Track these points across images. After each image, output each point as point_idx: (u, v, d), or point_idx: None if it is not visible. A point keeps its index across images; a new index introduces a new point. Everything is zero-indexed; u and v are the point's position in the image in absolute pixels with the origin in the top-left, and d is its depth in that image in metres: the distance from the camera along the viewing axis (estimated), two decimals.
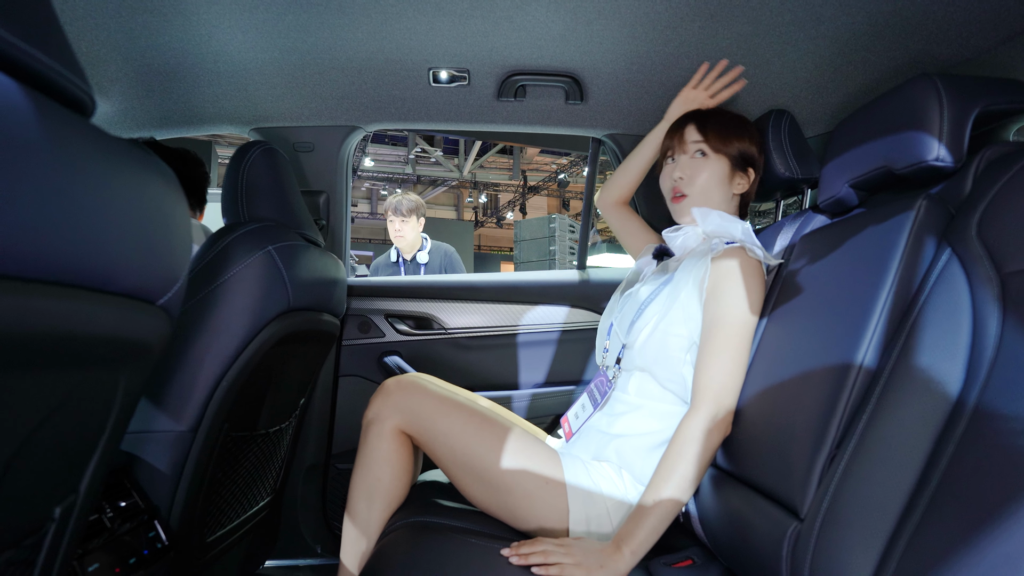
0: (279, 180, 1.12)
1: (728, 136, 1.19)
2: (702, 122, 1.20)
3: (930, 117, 0.81)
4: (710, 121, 1.20)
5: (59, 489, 0.55)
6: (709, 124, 1.20)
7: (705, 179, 1.18)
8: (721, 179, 1.19)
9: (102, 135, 0.47)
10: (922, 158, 0.81)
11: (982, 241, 0.67)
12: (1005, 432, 0.55)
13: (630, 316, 1.15)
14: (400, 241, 2.97)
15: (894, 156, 0.86)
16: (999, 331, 0.61)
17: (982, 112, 0.81)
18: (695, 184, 1.18)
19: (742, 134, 1.20)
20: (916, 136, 0.82)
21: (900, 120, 0.85)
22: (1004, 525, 0.50)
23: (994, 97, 0.82)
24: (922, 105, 0.82)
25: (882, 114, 0.90)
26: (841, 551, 0.67)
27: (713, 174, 1.18)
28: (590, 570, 0.87)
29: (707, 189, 1.18)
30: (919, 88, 0.83)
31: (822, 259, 0.95)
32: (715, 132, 1.19)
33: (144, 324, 0.54)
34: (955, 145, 0.80)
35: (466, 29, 1.21)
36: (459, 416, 1.07)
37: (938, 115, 0.80)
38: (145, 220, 0.51)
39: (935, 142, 0.80)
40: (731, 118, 1.22)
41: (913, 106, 0.83)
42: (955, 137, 0.79)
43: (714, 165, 1.18)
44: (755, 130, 1.23)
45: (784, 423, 0.86)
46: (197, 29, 1.20)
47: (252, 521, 1.25)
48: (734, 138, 1.19)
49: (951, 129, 0.79)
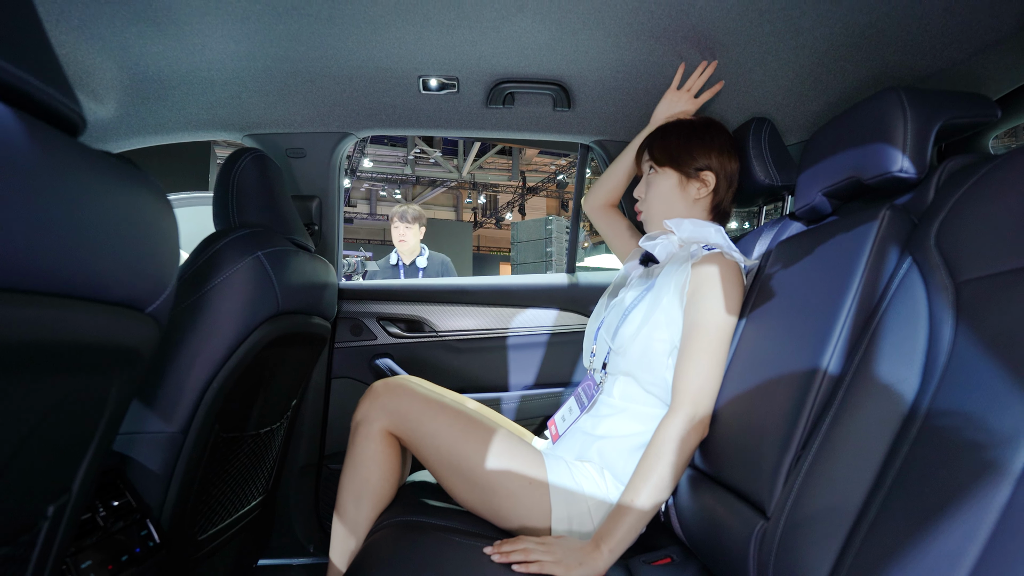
0: (269, 186, 1.15)
1: (669, 149, 1.23)
2: (651, 141, 1.27)
3: (895, 129, 0.83)
4: (658, 138, 1.26)
5: (52, 488, 0.58)
6: (656, 142, 1.26)
7: (655, 193, 1.24)
8: (672, 190, 1.23)
9: (90, 152, 0.49)
10: (887, 169, 0.84)
11: (940, 250, 0.70)
12: (952, 435, 0.58)
13: (615, 321, 1.18)
14: (402, 246, 3.28)
15: (862, 166, 0.89)
16: (952, 338, 0.64)
17: (946, 125, 0.84)
18: (648, 200, 1.26)
19: (687, 142, 1.23)
20: (882, 148, 0.84)
21: (868, 131, 0.88)
22: (946, 523, 0.53)
23: (958, 110, 0.85)
24: (888, 118, 0.85)
25: (852, 125, 0.93)
26: (803, 549, 0.70)
27: (662, 187, 1.24)
28: (569, 568, 0.90)
29: (659, 203, 1.24)
30: (885, 101, 0.86)
31: (794, 266, 0.98)
32: (659, 147, 1.25)
33: (133, 331, 0.56)
34: (918, 157, 0.82)
35: (454, 38, 1.24)
36: (445, 418, 1.09)
37: (902, 127, 0.83)
38: (133, 231, 0.53)
39: (899, 154, 0.82)
40: (681, 129, 1.26)
41: (880, 118, 0.86)
42: (918, 149, 0.82)
43: (662, 179, 1.24)
44: (712, 134, 1.25)
45: (755, 424, 0.88)
46: (191, 38, 1.22)
47: (244, 520, 1.28)
48: (676, 149, 1.23)
49: (914, 141, 0.82)
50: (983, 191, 0.67)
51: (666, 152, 1.24)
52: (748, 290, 1.11)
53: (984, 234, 0.64)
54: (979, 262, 0.64)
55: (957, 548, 0.52)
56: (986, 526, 0.51)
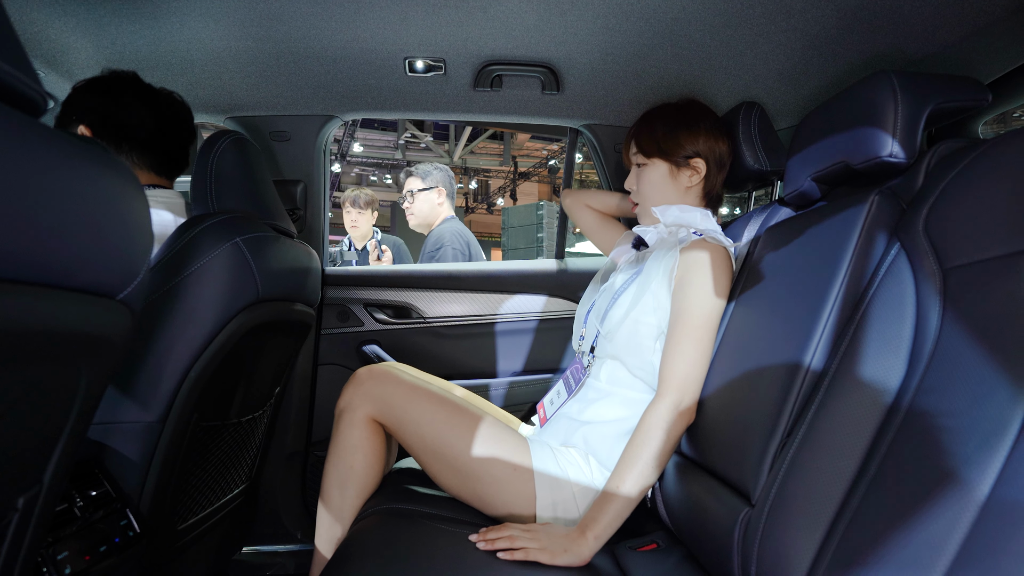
0: (249, 171, 1.12)
1: (655, 139, 1.22)
2: (637, 132, 1.26)
3: (885, 114, 0.82)
4: (643, 129, 1.25)
5: (22, 480, 0.56)
6: (642, 133, 1.24)
7: (646, 185, 1.24)
8: (663, 179, 1.22)
9: (55, 134, 0.47)
10: (876, 154, 0.83)
11: (928, 236, 0.69)
12: (936, 423, 0.58)
13: (605, 304, 1.17)
14: (354, 231, 3.19)
15: (852, 151, 0.88)
16: (939, 325, 0.63)
17: (936, 109, 0.83)
18: (641, 192, 1.25)
19: (675, 130, 1.21)
20: (872, 132, 0.83)
21: (858, 116, 0.87)
22: (929, 510, 0.53)
23: (949, 94, 0.84)
24: (878, 102, 0.83)
25: (842, 109, 0.92)
26: (787, 536, 0.70)
27: (653, 178, 1.23)
28: (555, 554, 0.90)
29: (652, 193, 1.23)
30: (876, 85, 0.85)
31: (783, 251, 0.97)
32: (645, 139, 1.23)
33: (104, 319, 0.55)
34: (908, 141, 0.81)
35: (441, 19, 1.21)
36: (429, 404, 1.09)
37: (892, 112, 0.81)
38: (101, 215, 0.52)
39: (889, 138, 0.81)
40: (666, 116, 1.24)
41: (870, 102, 0.85)
42: (908, 133, 0.81)
43: (652, 170, 1.23)
44: (700, 119, 1.23)
45: (742, 411, 0.88)
46: (168, 16, 1.19)
47: (226, 509, 1.27)
48: (663, 139, 1.21)
49: (904, 125, 0.80)
50: (972, 176, 0.66)
51: (653, 142, 1.22)
52: (736, 275, 1.11)
53: (973, 220, 0.64)
54: (967, 248, 0.63)
55: (940, 536, 0.51)
56: (969, 514, 0.51)
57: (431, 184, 2.61)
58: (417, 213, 2.63)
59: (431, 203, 2.61)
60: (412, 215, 2.64)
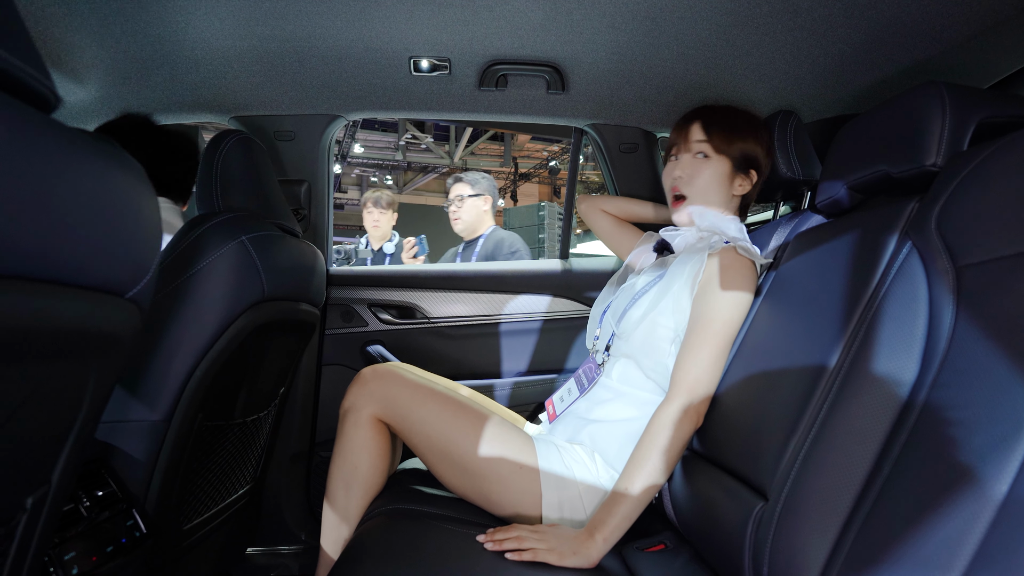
0: (254, 170, 1.12)
1: (733, 137, 1.18)
2: (707, 121, 1.20)
3: (932, 123, 0.80)
4: (716, 120, 1.19)
5: (31, 480, 0.56)
6: (714, 123, 1.19)
7: (705, 180, 1.18)
8: (721, 181, 1.19)
9: (66, 130, 0.47)
10: (920, 163, 0.81)
11: (940, 234, 0.69)
12: (951, 422, 0.57)
13: (623, 304, 1.16)
14: (375, 231, 3.31)
15: (894, 160, 0.86)
16: (952, 323, 0.63)
17: (984, 122, 0.81)
18: (694, 185, 1.19)
19: (748, 135, 1.19)
20: (917, 141, 0.81)
21: (903, 125, 0.85)
22: (946, 509, 0.53)
23: (998, 109, 0.82)
24: (927, 111, 0.81)
25: (887, 118, 0.90)
26: (800, 533, 0.69)
27: (713, 175, 1.18)
28: (563, 556, 0.90)
29: (706, 190, 1.18)
30: (925, 94, 0.83)
31: (809, 258, 0.97)
32: (719, 132, 1.18)
33: (113, 317, 0.54)
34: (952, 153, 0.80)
35: (446, 18, 1.21)
36: (435, 404, 1.08)
37: (940, 122, 0.79)
38: (111, 213, 0.51)
39: (934, 148, 0.79)
40: (739, 117, 1.21)
41: (918, 112, 0.82)
42: (954, 146, 0.78)
43: (715, 166, 1.18)
44: (765, 130, 1.21)
45: (760, 410, 0.88)
46: (173, 16, 1.18)
47: (231, 509, 1.26)
48: (738, 139, 1.18)
49: (951, 138, 0.78)
50: (985, 175, 0.66)
51: (728, 140, 1.18)
52: (762, 281, 1.10)
53: (986, 218, 0.63)
54: (980, 246, 0.63)
55: (957, 535, 0.51)
56: (987, 513, 0.50)
57: (479, 191, 2.67)
58: (464, 218, 2.68)
59: (478, 210, 2.67)
60: (458, 219, 2.69)
